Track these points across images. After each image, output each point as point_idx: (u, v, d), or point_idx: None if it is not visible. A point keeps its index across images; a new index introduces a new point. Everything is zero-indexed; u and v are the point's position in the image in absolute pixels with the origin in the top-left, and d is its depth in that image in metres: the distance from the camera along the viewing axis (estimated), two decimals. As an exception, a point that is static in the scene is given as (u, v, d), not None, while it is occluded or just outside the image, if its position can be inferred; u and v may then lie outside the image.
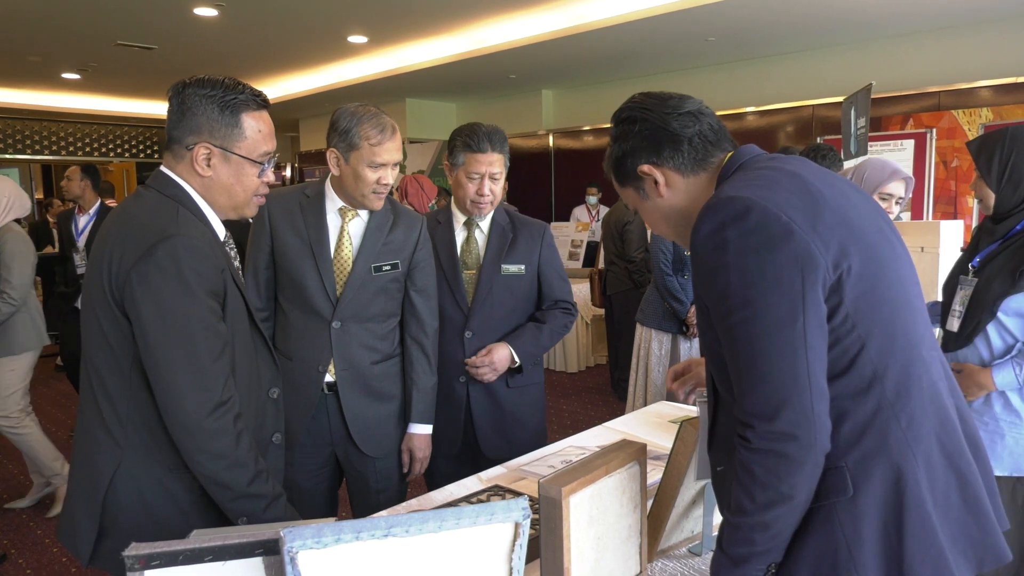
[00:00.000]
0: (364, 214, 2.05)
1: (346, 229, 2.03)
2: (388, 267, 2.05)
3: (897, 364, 1.07)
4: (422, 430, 2.13)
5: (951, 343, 2.09)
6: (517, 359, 2.26)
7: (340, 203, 2.03)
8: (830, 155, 3.52)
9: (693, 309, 4.14)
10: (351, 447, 2.07)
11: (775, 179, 1.11)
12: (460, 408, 2.28)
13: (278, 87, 9.75)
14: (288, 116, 11.81)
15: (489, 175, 2.20)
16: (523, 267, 2.31)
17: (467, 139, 2.19)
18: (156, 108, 11.81)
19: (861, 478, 1.04)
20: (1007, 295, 1.94)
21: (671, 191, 1.24)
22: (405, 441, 2.13)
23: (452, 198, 2.35)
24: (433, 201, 5.32)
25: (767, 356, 1.02)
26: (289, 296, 2.03)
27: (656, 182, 1.24)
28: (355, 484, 2.14)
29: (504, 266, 2.28)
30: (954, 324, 2.09)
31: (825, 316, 1.04)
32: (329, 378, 2.03)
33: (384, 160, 1.92)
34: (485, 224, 2.33)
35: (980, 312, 1.99)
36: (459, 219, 2.33)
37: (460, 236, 2.32)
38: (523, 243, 2.32)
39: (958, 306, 2.08)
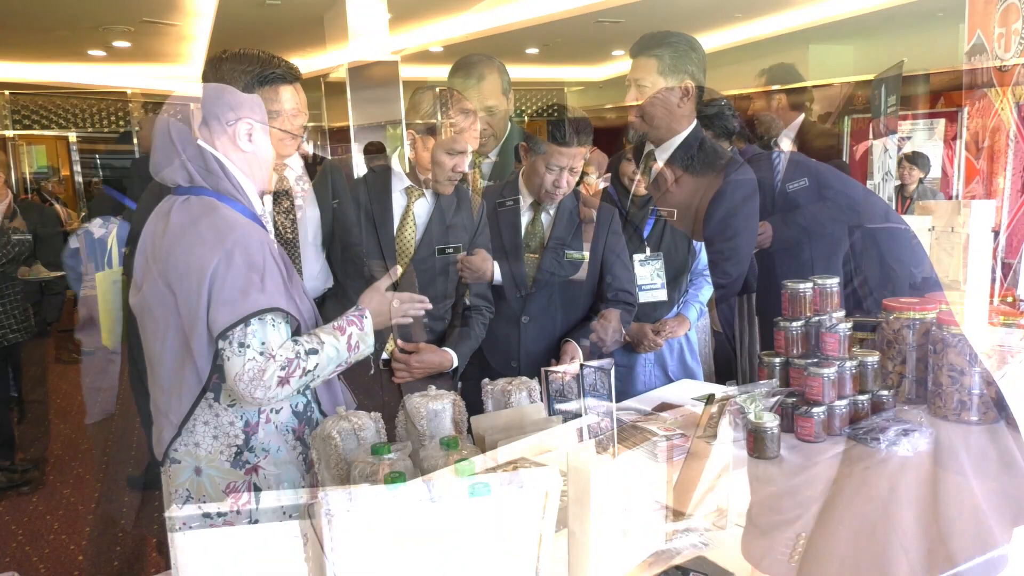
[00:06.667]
0: (430, 195, 2.02)
1: (411, 210, 2.01)
2: (451, 249, 2.04)
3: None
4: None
5: None
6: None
7: (407, 182, 2.00)
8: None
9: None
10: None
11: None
12: None
13: (306, 63, 9.73)
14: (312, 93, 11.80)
15: (569, 168, 2.11)
16: (587, 253, 2.24)
17: (553, 130, 2.07)
18: (183, 85, 11.88)
19: None
20: None
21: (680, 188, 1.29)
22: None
23: (521, 174, 2.26)
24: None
25: None
26: (347, 270, 2.00)
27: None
28: None
29: (568, 251, 2.22)
30: None
31: None
32: (384, 355, 2.01)
33: (463, 148, 1.90)
34: (552, 206, 2.24)
35: None
36: (526, 199, 2.24)
37: (525, 217, 2.24)
38: (589, 229, 2.25)
39: None
